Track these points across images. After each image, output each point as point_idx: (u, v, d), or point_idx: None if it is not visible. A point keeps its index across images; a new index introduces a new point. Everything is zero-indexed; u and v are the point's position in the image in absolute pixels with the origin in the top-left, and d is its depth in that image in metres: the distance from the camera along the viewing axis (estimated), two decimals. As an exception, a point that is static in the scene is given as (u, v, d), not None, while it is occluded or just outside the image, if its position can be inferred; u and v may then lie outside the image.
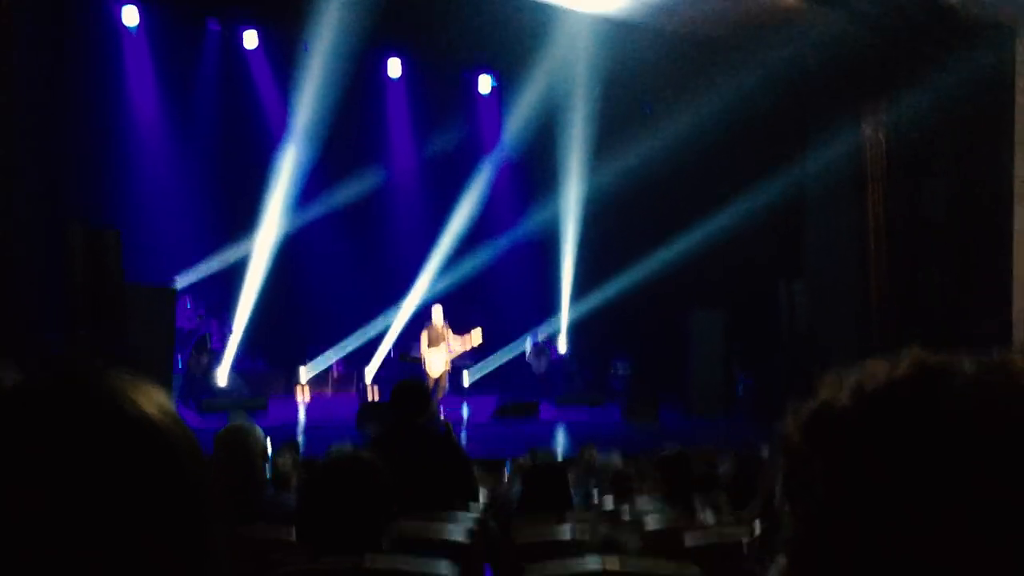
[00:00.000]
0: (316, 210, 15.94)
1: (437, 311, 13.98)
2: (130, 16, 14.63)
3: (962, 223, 14.53)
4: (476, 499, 5.50)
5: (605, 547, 3.00)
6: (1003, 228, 14.22)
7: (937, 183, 14.68)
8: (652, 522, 4.30)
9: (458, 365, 15.50)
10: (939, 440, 0.59)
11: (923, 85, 13.67)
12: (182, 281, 14.07)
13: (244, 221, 15.18)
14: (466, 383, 16.34)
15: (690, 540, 3.73)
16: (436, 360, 13.70)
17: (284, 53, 15.37)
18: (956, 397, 0.60)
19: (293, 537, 3.13)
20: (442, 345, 13.70)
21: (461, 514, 4.48)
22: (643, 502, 4.85)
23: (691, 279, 16.05)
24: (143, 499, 0.62)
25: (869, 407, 0.63)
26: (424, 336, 13.85)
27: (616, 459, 6.66)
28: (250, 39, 15.68)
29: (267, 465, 3.77)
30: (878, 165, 14.81)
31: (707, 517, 4.64)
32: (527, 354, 16.64)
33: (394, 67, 16.88)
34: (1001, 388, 0.60)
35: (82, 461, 0.61)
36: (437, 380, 13.74)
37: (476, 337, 13.85)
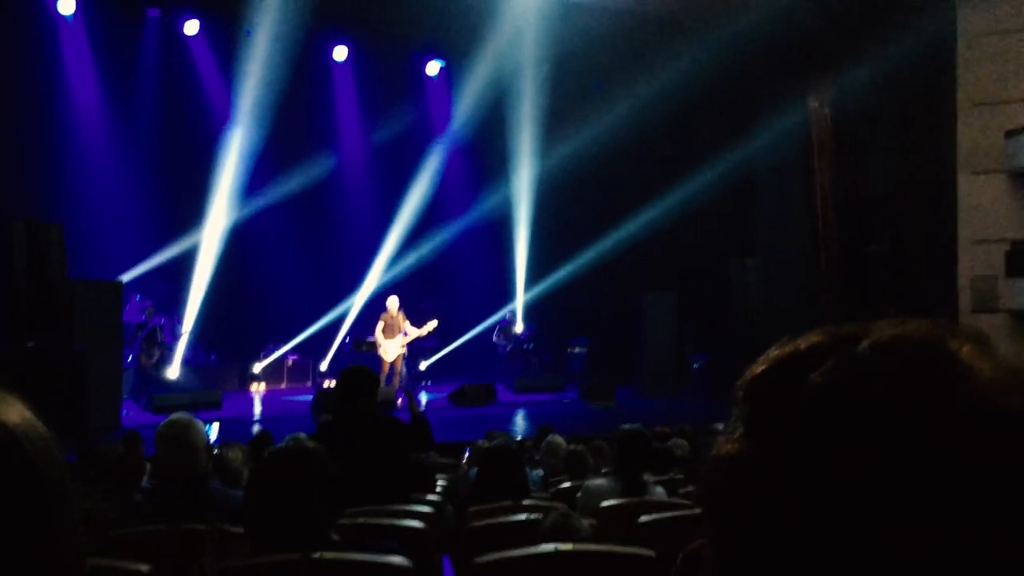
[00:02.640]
0: (265, 199, 15.69)
1: (393, 301, 14.08)
2: (66, 5, 14.25)
3: (907, 194, 14.77)
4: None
5: (558, 531, 2.98)
6: (947, 197, 14.48)
7: (882, 155, 14.89)
8: (606, 501, 4.31)
9: (417, 351, 15.47)
10: (807, 407, 0.62)
11: (867, 59, 13.84)
12: (130, 275, 13.81)
13: (191, 212, 14.91)
14: (423, 368, 16.32)
15: (644, 517, 3.73)
16: (390, 347, 13.81)
17: (226, 39, 15.08)
18: (827, 371, 0.63)
19: (240, 532, 3.06)
20: (397, 336, 13.83)
21: (416, 501, 4.45)
22: (595, 480, 4.84)
23: (644, 259, 16.13)
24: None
25: (770, 374, 0.67)
26: (379, 324, 13.93)
27: (559, 440, 6.65)
28: (191, 26, 15.36)
29: (211, 459, 3.69)
30: (824, 139, 15.00)
31: (658, 494, 4.66)
32: (494, 333, 16.66)
33: (340, 51, 16.67)
34: (872, 365, 0.62)
35: None
36: (392, 365, 13.84)
37: (431, 325, 13.96)
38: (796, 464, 0.61)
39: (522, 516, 3.86)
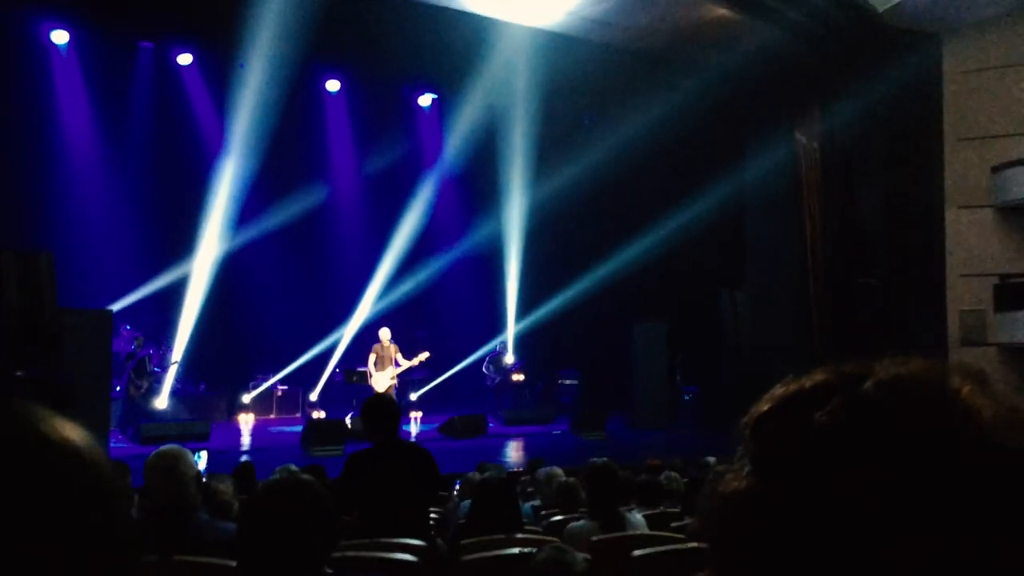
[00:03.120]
0: (256, 229, 15.69)
1: (385, 333, 14.01)
2: (59, 36, 14.32)
3: (897, 227, 14.85)
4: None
5: (552, 565, 2.95)
6: (937, 231, 14.57)
7: (870, 189, 14.99)
8: (594, 535, 4.28)
9: (407, 382, 15.41)
10: (814, 446, 0.64)
11: (854, 94, 13.96)
12: (120, 304, 13.75)
13: (182, 242, 14.88)
14: (413, 398, 16.26)
15: (638, 552, 3.71)
16: (382, 378, 13.75)
17: (219, 71, 15.13)
18: (834, 411, 0.65)
19: (231, 565, 3.03)
20: (389, 368, 13.77)
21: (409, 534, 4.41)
22: (574, 524, 4.79)
23: (634, 291, 16.16)
24: (66, 518, 0.65)
25: (776, 413, 0.69)
26: (372, 355, 13.89)
27: (557, 471, 6.63)
28: (184, 58, 15.43)
29: (200, 490, 3.66)
30: (813, 174, 15.08)
31: (638, 524, 4.63)
32: (484, 364, 16.63)
33: (333, 83, 16.77)
34: (881, 404, 0.64)
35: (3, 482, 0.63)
36: (383, 397, 13.75)
37: (422, 356, 13.93)
38: (804, 500, 0.63)
39: (515, 550, 3.83)
